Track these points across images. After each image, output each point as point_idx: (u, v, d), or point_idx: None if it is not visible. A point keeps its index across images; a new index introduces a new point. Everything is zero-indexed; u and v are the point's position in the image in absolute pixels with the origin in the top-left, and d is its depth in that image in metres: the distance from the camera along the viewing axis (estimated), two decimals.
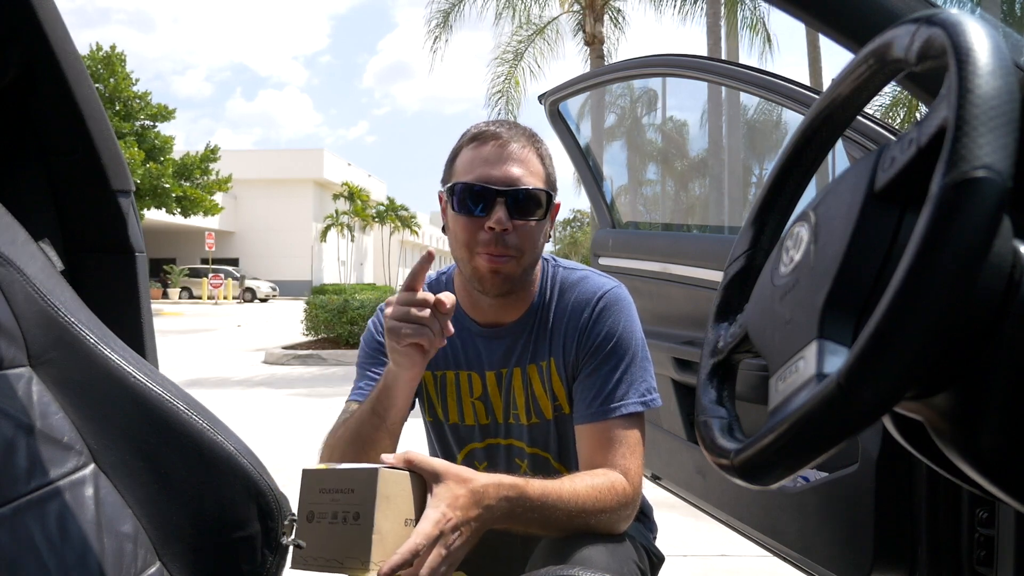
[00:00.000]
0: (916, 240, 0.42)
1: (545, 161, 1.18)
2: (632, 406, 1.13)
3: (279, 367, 8.89)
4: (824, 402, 0.45)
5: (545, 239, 1.19)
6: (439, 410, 1.27)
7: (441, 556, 0.90)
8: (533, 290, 1.23)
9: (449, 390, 1.25)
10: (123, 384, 0.84)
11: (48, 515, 0.74)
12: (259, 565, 0.87)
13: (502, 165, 1.13)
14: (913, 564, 1.21)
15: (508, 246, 1.12)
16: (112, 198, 1.05)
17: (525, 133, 1.18)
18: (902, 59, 0.51)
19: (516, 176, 1.13)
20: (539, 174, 1.16)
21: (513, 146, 1.14)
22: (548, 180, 1.17)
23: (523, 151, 1.15)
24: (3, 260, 0.80)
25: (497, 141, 1.14)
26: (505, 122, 1.20)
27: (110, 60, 24.38)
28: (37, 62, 0.98)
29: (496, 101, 14.77)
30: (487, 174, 1.12)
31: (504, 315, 1.22)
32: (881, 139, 1.27)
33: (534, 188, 1.13)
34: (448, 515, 0.92)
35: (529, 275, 1.19)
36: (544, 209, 1.15)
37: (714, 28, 13.29)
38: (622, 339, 1.17)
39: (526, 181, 1.13)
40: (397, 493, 0.92)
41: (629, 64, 2.00)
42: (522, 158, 1.14)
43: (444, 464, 0.97)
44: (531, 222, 1.14)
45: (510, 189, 1.12)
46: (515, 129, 1.18)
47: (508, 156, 1.13)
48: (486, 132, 1.16)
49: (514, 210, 1.12)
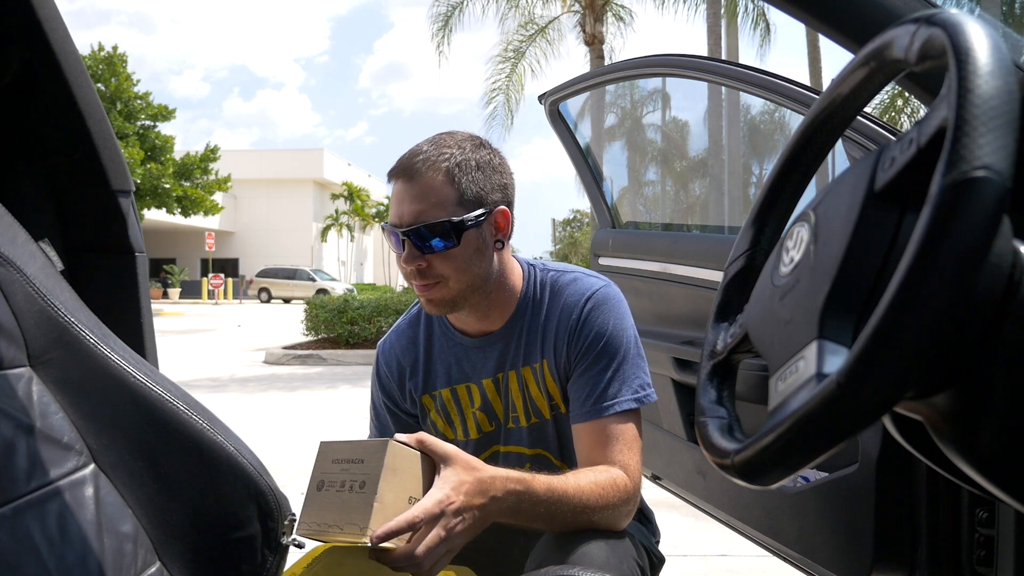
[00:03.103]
0: (916, 240, 0.42)
1: (457, 182, 1.11)
2: (626, 403, 1.14)
3: (279, 367, 8.89)
4: (824, 402, 0.45)
5: (491, 249, 1.15)
6: (445, 430, 1.28)
7: (440, 537, 0.90)
8: (512, 296, 1.22)
9: (450, 407, 1.26)
10: (123, 384, 0.84)
11: (48, 515, 0.74)
12: (259, 565, 0.87)
13: (400, 205, 1.11)
14: (913, 564, 1.21)
15: (428, 277, 1.12)
16: (112, 198, 1.05)
17: (434, 154, 1.12)
18: (902, 59, 0.51)
19: (414, 212, 1.10)
20: (445, 201, 1.10)
21: (414, 180, 1.11)
22: (460, 201, 1.11)
23: (424, 183, 1.10)
24: (3, 260, 0.80)
25: (401, 178, 1.12)
26: (422, 144, 1.15)
27: (111, 60, 24.41)
28: (37, 62, 0.98)
29: (494, 98, 14.77)
30: (394, 214, 1.12)
31: (487, 324, 1.23)
32: (881, 139, 1.27)
33: (434, 222, 1.09)
34: (452, 497, 0.92)
35: (474, 291, 1.16)
36: (454, 235, 1.10)
37: (714, 28, 13.30)
38: (612, 337, 1.17)
39: (426, 216, 1.09)
40: (405, 468, 0.93)
41: (629, 64, 2.00)
42: (422, 192, 1.10)
43: (455, 449, 0.97)
44: (444, 250, 1.11)
45: (411, 228, 1.10)
46: (425, 152, 1.12)
47: (407, 193, 1.11)
48: (396, 167, 1.14)
49: (421, 246, 1.11)
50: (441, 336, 1.27)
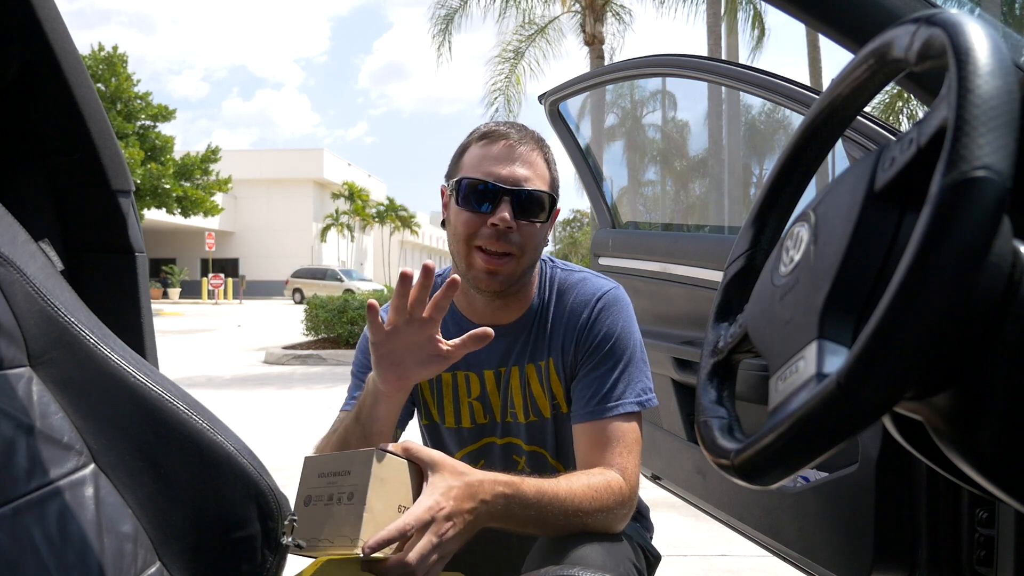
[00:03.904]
0: (916, 240, 0.42)
1: (551, 166, 1.20)
2: (629, 405, 1.14)
3: (279, 367, 8.89)
4: (824, 402, 0.45)
5: (544, 242, 1.20)
6: (435, 413, 1.27)
7: (432, 543, 0.90)
8: (531, 292, 1.23)
9: (446, 392, 1.25)
10: (123, 384, 0.84)
11: (48, 515, 0.74)
12: (259, 565, 0.87)
13: (510, 165, 1.15)
14: (913, 564, 1.21)
15: (511, 243, 1.13)
16: (112, 198, 1.05)
17: (534, 137, 1.21)
18: (902, 59, 0.51)
19: (523, 176, 1.15)
20: (544, 177, 1.18)
21: (522, 148, 1.17)
22: (553, 184, 1.20)
23: (531, 154, 1.17)
24: (3, 260, 0.80)
25: (507, 141, 1.17)
26: (515, 124, 1.22)
27: (111, 60, 24.42)
28: (37, 62, 0.98)
29: (495, 99, 14.76)
30: (495, 172, 1.14)
31: (502, 316, 1.22)
32: (881, 139, 1.27)
33: (539, 190, 1.16)
34: (441, 503, 0.92)
35: (527, 276, 1.20)
36: (547, 212, 1.17)
37: (714, 28, 13.30)
38: (620, 340, 1.18)
39: (532, 183, 1.15)
40: (393, 477, 0.92)
41: (629, 64, 2.00)
42: (529, 160, 1.16)
43: (441, 456, 0.97)
44: (534, 223, 1.16)
45: (516, 189, 1.14)
46: (525, 132, 1.20)
47: (516, 157, 1.16)
48: (496, 131, 1.18)
49: (518, 210, 1.14)
50: (447, 319, 1.24)
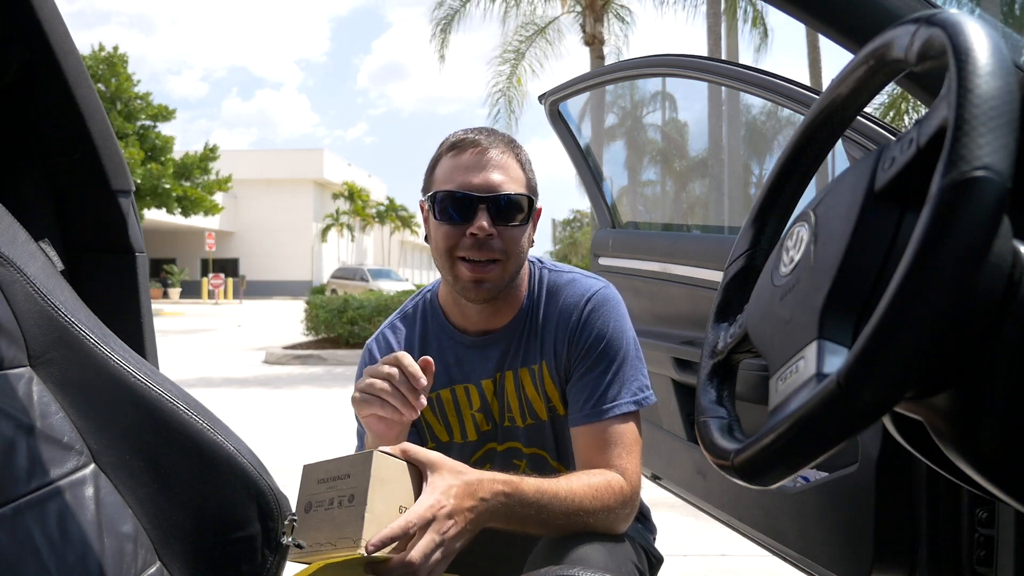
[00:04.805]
0: (916, 240, 0.42)
1: (525, 167, 1.19)
2: (626, 405, 1.13)
3: (279, 367, 8.89)
4: (824, 402, 0.45)
5: (529, 244, 1.19)
6: (441, 432, 1.26)
7: (434, 541, 0.89)
8: (521, 294, 1.23)
9: (448, 409, 1.25)
10: (123, 384, 0.84)
11: (48, 515, 0.74)
12: (259, 565, 0.87)
13: (482, 172, 1.13)
14: (913, 564, 1.21)
15: (493, 250, 1.13)
16: (112, 198, 1.05)
17: (503, 139, 1.18)
18: (902, 59, 0.51)
19: (496, 182, 1.13)
20: (519, 180, 1.16)
21: (492, 152, 1.15)
22: (529, 185, 1.18)
23: (502, 157, 1.15)
24: (3, 260, 0.80)
25: (476, 148, 1.15)
26: (483, 129, 1.20)
27: (112, 61, 24.43)
28: (37, 62, 0.98)
29: (497, 100, 14.75)
30: (468, 181, 1.13)
31: (493, 321, 1.22)
32: (881, 139, 1.27)
33: (515, 194, 1.14)
34: (442, 501, 0.92)
35: (515, 280, 1.19)
36: (526, 214, 1.16)
37: (714, 28, 13.29)
38: (612, 339, 1.17)
39: (507, 187, 1.14)
40: (393, 478, 0.92)
41: (629, 64, 2.00)
42: (501, 164, 1.15)
43: (439, 456, 0.97)
44: (514, 227, 1.14)
45: (491, 195, 1.12)
46: (494, 136, 1.18)
47: (487, 163, 1.14)
48: (465, 140, 1.16)
49: (496, 216, 1.13)
50: (439, 334, 1.25)
